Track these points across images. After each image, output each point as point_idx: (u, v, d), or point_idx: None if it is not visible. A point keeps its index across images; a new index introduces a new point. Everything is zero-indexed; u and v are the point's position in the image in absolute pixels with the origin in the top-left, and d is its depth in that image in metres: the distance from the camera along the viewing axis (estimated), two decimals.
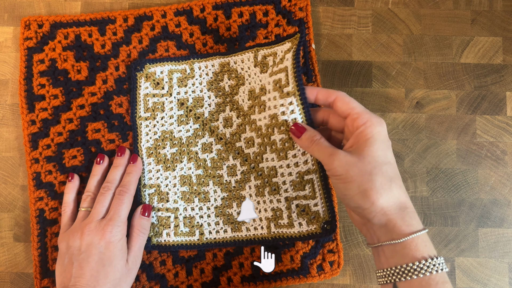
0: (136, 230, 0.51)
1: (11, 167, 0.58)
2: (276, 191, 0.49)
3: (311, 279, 0.54)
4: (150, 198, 0.54)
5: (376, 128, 0.41)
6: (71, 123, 0.57)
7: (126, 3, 0.60)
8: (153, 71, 0.55)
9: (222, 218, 0.53)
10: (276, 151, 0.48)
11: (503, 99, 0.57)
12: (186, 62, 0.55)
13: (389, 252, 0.40)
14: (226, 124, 0.54)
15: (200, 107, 0.55)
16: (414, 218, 0.40)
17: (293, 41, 0.48)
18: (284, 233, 0.49)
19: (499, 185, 0.56)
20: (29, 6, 0.60)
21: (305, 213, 0.47)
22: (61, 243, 0.50)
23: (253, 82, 0.53)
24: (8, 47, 0.60)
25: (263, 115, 0.49)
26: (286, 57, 0.47)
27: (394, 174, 0.41)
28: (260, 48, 0.52)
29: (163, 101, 0.55)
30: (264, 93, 0.50)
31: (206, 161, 0.54)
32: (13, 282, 0.56)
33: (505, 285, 0.55)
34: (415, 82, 0.58)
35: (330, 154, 0.41)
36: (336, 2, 0.60)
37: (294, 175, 0.48)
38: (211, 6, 0.58)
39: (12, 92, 0.59)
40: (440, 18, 0.59)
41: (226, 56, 0.55)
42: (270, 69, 0.50)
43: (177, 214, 0.53)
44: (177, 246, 0.53)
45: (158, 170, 0.54)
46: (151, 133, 0.55)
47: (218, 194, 0.54)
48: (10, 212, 0.57)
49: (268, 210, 0.51)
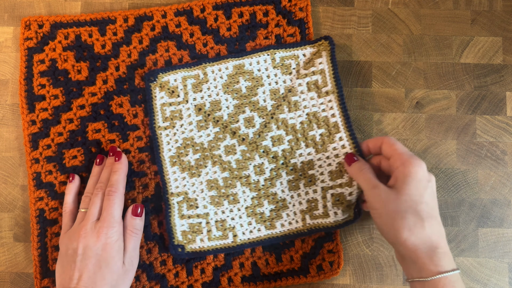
0: (129, 231, 0.51)
1: (11, 167, 0.58)
2: (312, 182, 0.53)
3: (311, 279, 0.54)
4: (179, 206, 0.54)
5: (413, 168, 0.43)
6: (72, 123, 0.57)
7: (126, 3, 0.60)
8: (166, 80, 0.55)
9: (254, 217, 0.53)
10: (315, 146, 0.53)
11: (503, 99, 0.57)
12: (199, 67, 0.56)
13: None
14: (248, 125, 0.55)
15: (218, 110, 0.55)
16: (444, 259, 0.41)
17: (319, 46, 0.55)
18: (319, 223, 0.52)
19: (499, 185, 0.56)
20: (29, 6, 0.60)
21: (339, 202, 0.51)
22: (61, 244, 0.50)
23: (273, 82, 0.55)
24: (8, 47, 0.60)
25: (298, 114, 0.54)
26: (318, 61, 0.54)
27: (429, 214, 0.42)
28: (276, 51, 0.55)
29: (180, 109, 0.55)
30: (295, 94, 0.54)
31: (230, 163, 0.54)
32: (13, 282, 0.56)
33: (505, 285, 0.55)
34: (415, 82, 0.58)
35: (373, 186, 0.44)
36: (336, 2, 0.60)
37: (334, 165, 0.52)
38: (211, 6, 0.58)
39: (12, 92, 0.59)
40: (440, 18, 0.59)
41: (239, 58, 0.55)
42: (295, 72, 0.55)
43: (208, 219, 0.54)
44: (212, 251, 0.53)
45: (183, 177, 0.54)
46: (172, 141, 0.55)
47: (247, 194, 0.54)
48: (10, 212, 0.57)
49: (303, 203, 0.53)
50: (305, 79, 0.54)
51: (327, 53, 0.54)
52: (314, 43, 0.55)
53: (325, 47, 0.54)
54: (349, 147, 0.52)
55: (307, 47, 0.55)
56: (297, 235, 0.53)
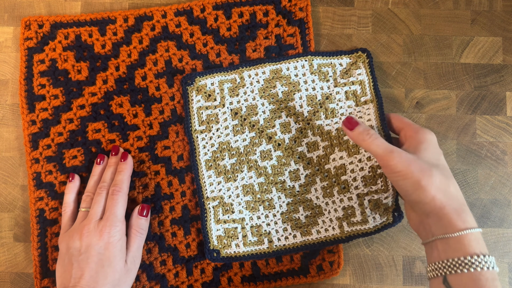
0: (134, 231, 0.51)
1: (11, 167, 0.58)
2: (346, 189, 0.52)
3: (311, 279, 0.54)
4: (215, 211, 0.54)
5: (428, 135, 0.45)
6: (72, 123, 0.57)
7: (126, 3, 0.60)
8: (203, 84, 0.55)
9: (290, 223, 0.53)
10: (347, 149, 0.52)
11: (503, 99, 0.57)
12: (235, 72, 0.55)
13: (442, 246, 0.41)
14: (284, 130, 0.54)
15: (254, 115, 0.55)
16: (470, 216, 0.42)
17: (357, 57, 0.55)
18: (358, 230, 0.52)
19: (499, 185, 0.56)
20: (29, 6, 0.60)
21: (377, 207, 0.51)
22: (61, 244, 0.50)
23: (310, 88, 0.54)
24: (8, 47, 0.60)
25: (334, 120, 0.54)
26: (357, 72, 0.55)
27: (451, 176, 0.44)
28: (314, 57, 0.55)
29: (216, 113, 0.55)
30: (332, 101, 0.54)
31: (266, 168, 0.54)
32: (13, 282, 0.56)
33: (505, 285, 0.55)
34: (415, 82, 0.58)
35: (390, 151, 0.44)
36: (336, 2, 0.60)
37: (367, 169, 0.52)
38: (211, 6, 0.58)
39: (12, 92, 0.59)
40: (440, 18, 0.59)
41: (276, 63, 0.55)
42: (332, 79, 0.55)
43: (244, 224, 0.53)
44: (247, 256, 0.53)
45: (219, 182, 0.54)
46: (208, 145, 0.55)
47: (283, 200, 0.54)
48: (10, 212, 0.57)
49: (338, 210, 0.52)
50: (343, 88, 0.54)
51: (365, 65, 0.55)
52: (351, 53, 0.55)
53: (363, 59, 0.55)
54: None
55: (343, 57, 0.55)
56: (334, 242, 0.52)
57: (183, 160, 0.56)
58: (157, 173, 0.56)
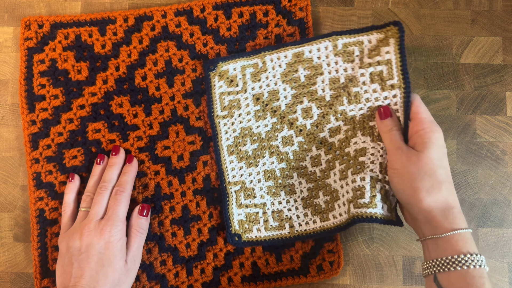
0: (134, 230, 0.51)
1: (11, 167, 0.58)
2: (361, 169, 0.49)
3: (311, 279, 0.54)
4: (237, 195, 0.54)
5: (434, 134, 0.45)
6: (72, 123, 0.57)
7: (126, 3, 0.60)
8: (226, 69, 0.55)
9: (310, 209, 0.53)
10: (372, 135, 0.50)
11: (503, 99, 0.57)
12: (258, 56, 0.54)
13: (432, 246, 0.43)
14: (306, 116, 0.53)
15: (276, 100, 0.54)
16: (458, 218, 0.43)
17: (387, 32, 0.48)
18: (363, 213, 0.47)
19: (499, 185, 0.56)
20: (29, 6, 0.60)
21: (386, 198, 0.49)
22: (61, 244, 0.50)
23: (333, 71, 0.52)
24: (8, 47, 0.60)
25: (358, 106, 0.51)
26: (385, 50, 0.48)
27: (446, 177, 0.44)
28: (339, 37, 0.50)
29: (238, 98, 0.55)
30: (356, 84, 0.50)
31: (288, 154, 0.54)
32: (13, 282, 0.56)
33: (505, 285, 0.55)
34: (415, 82, 0.58)
35: (397, 147, 0.46)
36: (336, 2, 0.60)
37: (386, 159, 0.48)
38: (211, 6, 0.58)
39: (12, 92, 0.59)
40: (440, 18, 0.59)
41: (298, 46, 0.53)
42: (358, 59, 0.50)
43: (265, 209, 0.54)
44: (268, 241, 0.53)
45: (241, 167, 0.54)
46: (230, 131, 0.55)
47: (304, 186, 0.54)
48: (10, 212, 0.57)
49: (349, 191, 0.50)
50: (368, 69, 0.49)
51: (395, 41, 0.48)
52: (382, 28, 0.49)
53: (393, 34, 0.48)
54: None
55: (374, 33, 0.49)
56: (346, 226, 0.49)
57: (183, 160, 0.56)
58: (157, 173, 0.56)
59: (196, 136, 0.56)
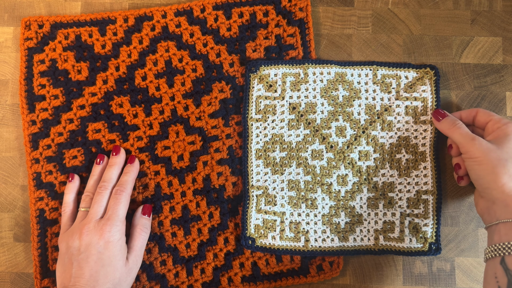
0: (138, 229, 0.51)
1: (11, 167, 0.58)
2: (391, 205, 0.53)
3: (311, 279, 0.54)
4: (258, 200, 0.54)
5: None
6: (72, 123, 0.57)
7: (126, 3, 0.60)
8: (267, 73, 0.56)
9: (329, 226, 0.53)
10: (399, 169, 0.54)
11: (503, 99, 0.57)
12: (301, 67, 0.56)
13: (505, 230, 0.45)
14: (339, 134, 0.55)
15: (312, 113, 0.55)
16: None
17: (424, 73, 0.55)
18: (392, 246, 0.53)
19: None
20: (29, 6, 0.60)
21: (416, 230, 0.53)
22: (61, 244, 0.50)
23: (370, 98, 0.55)
24: (8, 47, 0.60)
25: (389, 134, 0.54)
26: (422, 88, 0.55)
27: None
28: (379, 67, 0.55)
29: (275, 104, 0.55)
30: (391, 114, 0.55)
31: (315, 167, 0.54)
32: (13, 282, 0.56)
33: None
34: None
35: (471, 138, 0.48)
36: (336, 2, 0.60)
37: (413, 192, 0.53)
38: (211, 6, 0.58)
39: (12, 92, 0.59)
40: (440, 18, 0.59)
41: (342, 67, 0.56)
42: (394, 92, 0.55)
43: (283, 218, 0.54)
44: (281, 250, 0.53)
45: (266, 172, 0.54)
46: (261, 135, 0.55)
47: (326, 202, 0.54)
48: (10, 212, 0.57)
49: (379, 223, 0.53)
50: (404, 102, 0.55)
51: (432, 82, 0.55)
52: (419, 68, 0.55)
53: (430, 76, 0.55)
54: (431, 178, 0.53)
55: (411, 70, 0.55)
56: (366, 252, 0.53)
57: (183, 160, 0.56)
58: (157, 173, 0.56)
59: (196, 136, 0.56)
